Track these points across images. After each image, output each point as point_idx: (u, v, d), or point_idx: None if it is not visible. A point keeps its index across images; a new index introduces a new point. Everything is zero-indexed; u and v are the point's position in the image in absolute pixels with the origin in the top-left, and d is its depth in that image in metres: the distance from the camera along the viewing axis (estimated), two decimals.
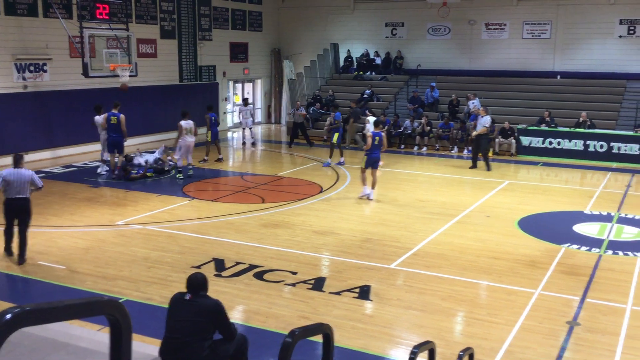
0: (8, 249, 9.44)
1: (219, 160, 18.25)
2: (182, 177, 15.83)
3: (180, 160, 16.23)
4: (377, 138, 13.67)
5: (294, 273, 9.05)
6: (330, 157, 18.30)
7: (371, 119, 19.08)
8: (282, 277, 8.88)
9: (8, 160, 17.11)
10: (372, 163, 13.68)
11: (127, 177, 15.41)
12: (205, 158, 18.03)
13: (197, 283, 4.99)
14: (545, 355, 6.65)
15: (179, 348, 4.77)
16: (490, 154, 20.23)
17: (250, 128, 22.10)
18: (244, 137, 22.31)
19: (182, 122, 15.95)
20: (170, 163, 16.72)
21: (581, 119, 19.80)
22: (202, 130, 23.19)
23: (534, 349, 6.78)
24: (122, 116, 15.53)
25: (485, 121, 17.51)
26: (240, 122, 22.28)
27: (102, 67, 17.20)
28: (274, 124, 28.98)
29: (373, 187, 13.91)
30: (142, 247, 10.27)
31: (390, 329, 7.32)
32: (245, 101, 22.58)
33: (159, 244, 10.43)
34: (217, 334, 5.05)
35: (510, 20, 24.75)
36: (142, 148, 20.14)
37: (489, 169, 17.43)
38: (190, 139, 15.97)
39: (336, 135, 17.91)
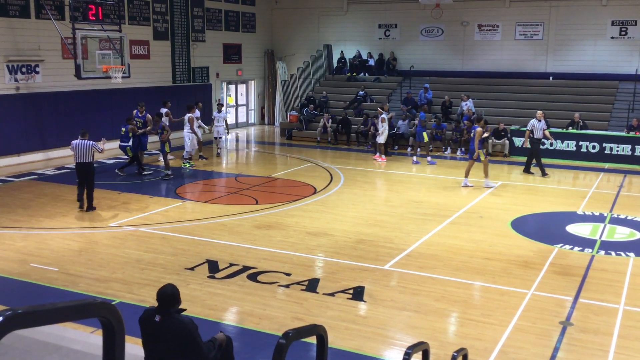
0: (80, 200, 12.61)
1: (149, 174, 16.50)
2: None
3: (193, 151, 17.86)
4: (473, 131, 15.70)
5: (288, 274, 9.04)
6: (429, 154, 19.23)
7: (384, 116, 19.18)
8: (275, 279, 8.87)
9: (2, 162, 17.15)
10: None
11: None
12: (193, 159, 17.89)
13: (166, 299, 4.55)
14: (539, 355, 6.67)
15: None
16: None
17: (220, 137, 19.75)
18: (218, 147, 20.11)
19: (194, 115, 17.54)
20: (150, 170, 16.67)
21: (575, 120, 19.90)
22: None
23: (527, 349, 6.80)
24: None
25: (544, 125, 17.05)
26: (212, 131, 19.76)
27: (95, 69, 17.14)
28: (267, 125, 28.98)
29: (466, 175, 15.57)
30: (135, 248, 10.24)
31: (384, 329, 7.33)
32: (219, 107, 20.11)
33: (152, 245, 10.40)
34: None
35: (502, 22, 24.85)
36: None
37: (545, 174, 16.86)
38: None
39: (425, 134, 18.97)
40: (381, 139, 19.16)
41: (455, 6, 24.74)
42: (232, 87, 27.82)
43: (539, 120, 16.92)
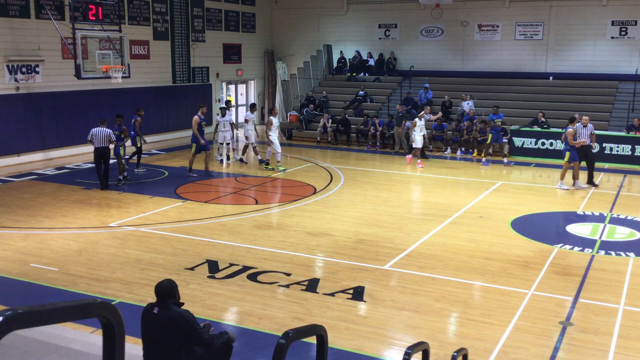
0: (100, 179, 14.57)
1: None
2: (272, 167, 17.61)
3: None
4: (563, 134, 15.42)
5: (288, 274, 9.04)
6: (484, 156, 19.14)
7: (418, 121, 18.38)
8: (275, 279, 8.87)
9: (2, 162, 17.15)
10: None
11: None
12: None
13: (162, 292, 4.70)
14: (539, 355, 6.67)
15: None
16: (483, 154, 20.31)
17: (228, 143, 18.20)
18: (221, 154, 18.49)
19: (273, 119, 17.54)
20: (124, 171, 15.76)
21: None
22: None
23: (527, 349, 6.80)
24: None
25: (591, 130, 15.74)
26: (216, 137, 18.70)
27: (95, 69, 17.14)
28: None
29: (561, 178, 15.51)
30: (135, 249, 10.24)
31: (384, 330, 7.33)
32: (223, 110, 18.13)
33: (152, 245, 10.40)
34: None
35: (502, 22, 24.85)
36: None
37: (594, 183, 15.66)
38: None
39: (490, 136, 18.92)
40: (418, 143, 18.45)
41: (455, 6, 24.75)
42: (232, 87, 27.82)
43: (584, 126, 15.59)
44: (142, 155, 17.39)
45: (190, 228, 11.50)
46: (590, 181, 15.69)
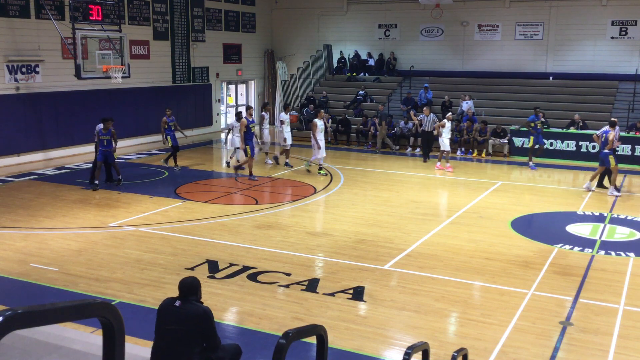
0: (93, 179, 14.67)
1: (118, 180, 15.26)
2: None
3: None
4: (603, 136, 14.90)
5: (288, 274, 9.04)
6: (530, 160, 18.32)
7: (446, 122, 17.85)
8: (275, 279, 8.87)
9: (2, 162, 17.15)
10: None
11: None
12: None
13: (187, 288, 4.81)
14: (539, 355, 6.67)
15: (168, 356, 4.71)
16: (483, 154, 20.31)
17: (237, 148, 17.48)
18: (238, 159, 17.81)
19: (318, 121, 16.99)
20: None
21: (575, 120, 19.89)
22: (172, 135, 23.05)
23: (527, 349, 6.80)
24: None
25: (618, 131, 15.15)
26: (227, 141, 18.66)
27: (95, 69, 17.13)
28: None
29: (591, 179, 15.30)
30: (135, 249, 10.24)
31: (384, 330, 7.33)
32: (238, 115, 17.69)
33: (152, 245, 10.40)
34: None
35: (502, 22, 24.85)
36: (135, 150, 20.13)
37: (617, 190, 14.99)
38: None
39: (532, 138, 18.15)
40: (446, 145, 17.86)
41: (455, 6, 24.75)
42: (232, 87, 27.82)
43: (610, 130, 14.92)
44: (142, 155, 17.37)
45: (190, 228, 11.50)
46: (601, 183, 15.48)
